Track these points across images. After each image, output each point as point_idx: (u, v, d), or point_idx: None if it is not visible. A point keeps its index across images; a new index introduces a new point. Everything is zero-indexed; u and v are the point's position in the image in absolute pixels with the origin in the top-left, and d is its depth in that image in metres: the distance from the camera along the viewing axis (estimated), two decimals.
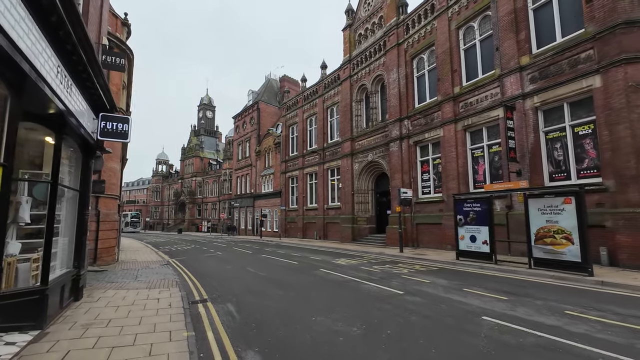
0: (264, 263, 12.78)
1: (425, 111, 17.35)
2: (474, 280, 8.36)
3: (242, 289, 7.97)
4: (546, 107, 12.07)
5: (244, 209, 39.37)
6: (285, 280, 8.96)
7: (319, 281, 8.72)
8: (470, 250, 11.21)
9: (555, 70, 11.68)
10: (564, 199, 8.72)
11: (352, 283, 8.32)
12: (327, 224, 25.22)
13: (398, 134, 18.70)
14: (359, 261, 12.66)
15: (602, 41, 10.34)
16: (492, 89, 13.91)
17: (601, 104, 10.33)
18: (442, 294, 6.97)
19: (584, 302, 6.15)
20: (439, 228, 15.92)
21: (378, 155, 20.64)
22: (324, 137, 26.54)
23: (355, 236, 21.67)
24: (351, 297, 6.88)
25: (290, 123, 31.56)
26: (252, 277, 9.71)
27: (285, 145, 31.86)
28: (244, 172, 40.48)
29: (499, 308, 5.80)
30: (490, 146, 14.22)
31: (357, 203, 22.29)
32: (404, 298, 6.68)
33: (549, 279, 8.33)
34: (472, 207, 11.21)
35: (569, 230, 8.55)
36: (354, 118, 23.23)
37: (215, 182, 54.85)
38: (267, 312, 5.94)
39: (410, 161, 18.11)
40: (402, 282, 8.26)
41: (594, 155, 10.75)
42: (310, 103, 28.58)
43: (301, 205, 28.40)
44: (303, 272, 10.37)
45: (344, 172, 23.29)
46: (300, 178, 28.84)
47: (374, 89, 21.87)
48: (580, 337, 4.36)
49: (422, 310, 5.79)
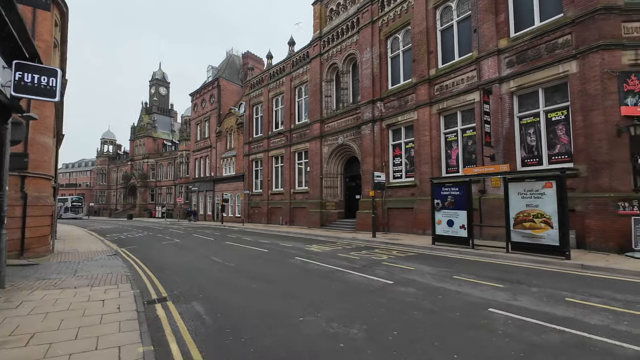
0: (230, 251, 11.62)
1: (399, 93, 16.86)
2: (459, 267, 8.05)
3: (209, 283, 6.86)
4: (522, 92, 12.06)
5: (203, 193, 37.02)
6: (259, 272, 7.98)
7: (298, 272, 7.87)
8: (447, 234, 11.03)
9: (532, 55, 11.62)
10: (545, 183, 8.65)
11: (336, 273, 7.58)
12: (293, 208, 24.32)
13: (370, 117, 18.10)
14: (333, 247, 12.01)
15: (581, 26, 10.34)
16: (469, 72, 13.68)
17: (577, 90, 10.43)
18: (434, 283, 6.48)
19: (577, 287, 5.98)
20: (410, 213, 15.78)
21: (349, 138, 19.97)
22: (291, 118, 25.25)
23: (323, 221, 21.07)
24: (339, 290, 6.12)
25: (254, 102, 29.69)
26: (219, 268, 8.58)
27: (248, 126, 30.03)
28: (203, 154, 37.87)
29: (500, 298, 5.39)
30: (464, 130, 14.12)
31: (326, 187, 21.61)
32: (397, 289, 6.07)
33: (530, 263, 8.28)
34: (451, 191, 10.97)
35: (549, 215, 8.53)
36: (323, 99, 22.22)
37: (171, 165, 51.06)
38: (244, 313, 4.97)
39: (382, 145, 17.67)
40: (388, 270, 7.70)
41: (566, 141, 10.94)
42: (277, 81, 26.95)
43: (266, 190, 27.12)
44: (277, 261, 9.44)
45: (313, 155, 22.38)
46: (265, 161, 27.43)
47: (345, 68, 20.94)
48: (602, 330, 4.00)
49: (422, 304, 5.19)
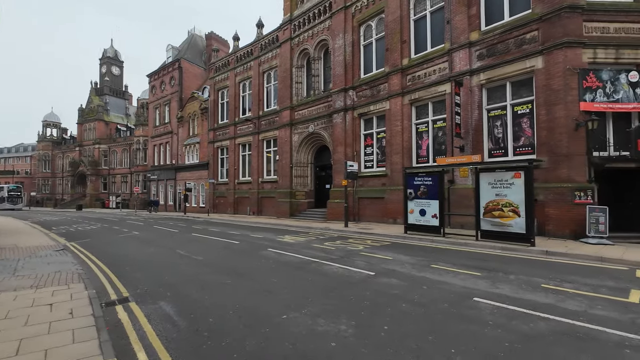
0: (197, 244, 10.90)
1: (371, 82, 16.74)
2: (435, 256, 8.14)
3: (178, 280, 6.27)
4: (491, 85, 12.42)
5: (164, 182, 34.89)
6: (231, 266, 7.47)
7: (273, 264, 7.48)
8: (419, 224, 11.19)
9: (502, 49, 11.95)
10: (514, 173, 8.97)
11: (312, 265, 7.30)
12: (262, 198, 23.65)
13: (342, 105, 17.85)
14: (306, 238, 11.73)
15: (548, 23, 10.75)
16: (441, 63, 13.84)
17: (541, 85, 10.90)
18: (415, 273, 6.44)
19: (548, 274, 6.24)
20: (381, 202, 15.91)
21: (320, 126, 19.61)
22: (259, 104, 24.28)
23: (293, 211, 20.69)
24: (320, 283, 5.85)
25: (219, 87, 28.17)
26: (187, 262, 7.93)
27: (213, 112, 28.51)
28: (163, 141, 35.52)
29: (481, 286, 5.44)
30: (435, 121, 14.35)
31: (296, 177, 21.18)
32: (380, 281, 5.93)
33: (500, 251, 8.60)
34: (424, 180, 11.09)
35: (517, 204, 8.89)
36: (294, 85, 21.54)
37: (126, 151, 47.44)
38: (221, 312, 4.52)
39: (354, 134, 17.55)
40: (366, 261, 7.57)
41: (530, 134, 11.47)
42: (244, 65, 25.70)
43: (232, 179, 26.08)
44: (249, 253, 8.97)
45: (282, 143, 21.76)
46: (232, 149, 26.29)
47: (317, 54, 20.39)
48: (583, 316, 4.11)
49: (408, 296, 5.08)
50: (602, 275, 6.07)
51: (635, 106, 10.23)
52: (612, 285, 5.44)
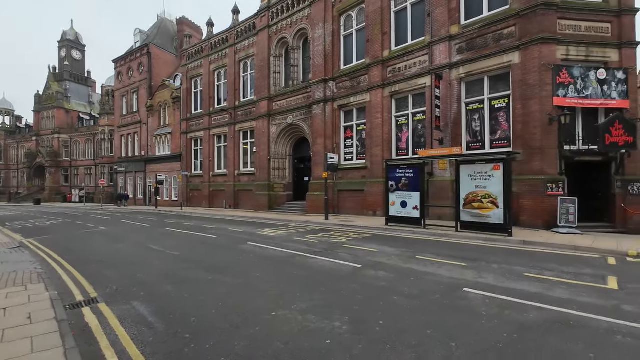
0: (172, 238, 10.32)
1: (352, 74, 16.55)
2: (418, 247, 8.16)
3: (152, 277, 5.81)
4: (469, 79, 12.61)
5: (132, 174, 33.10)
6: (210, 261, 7.08)
7: (255, 259, 7.17)
8: (400, 215, 11.23)
9: (481, 43, 12.13)
10: (493, 165, 9.15)
11: (297, 258, 7.06)
12: (238, 191, 22.99)
13: (322, 96, 17.56)
14: (287, 231, 11.45)
15: (524, 19, 11.00)
16: (422, 56, 13.87)
17: (518, 80, 11.18)
18: (401, 264, 6.38)
19: (528, 262, 6.39)
20: (361, 195, 15.89)
21: (299, 118, 19.22)
22: (235, 94, 23.45)
23: (271, 204, 20.28)
24: (307, 278, 5.63)
25: (192, 75, 26.91)
26: (162, 258, 7.43)
27: (186, 101, 27.24)
28: (131, 131, 33.59)
29: (468, 277, 5.45)
30: (414, 114, 14.43)
31: (274, 169, 20.73)
32: (368, 273, 5.80)
33: (479, 241, 8.77)
34: (405, 173, 11.11)
35: (495, 195, 9.09)
36: (272, 75, 20.93)
37: (89, 142, 44.49)
38: (203, 312, 4.19)
39: (334, 126, 17.35)
40: (351, 253, 7.44)
41: (506, 127, 11.78)
42: (219, 53, 24.65)
43: (207, 171, 25.15)
44: (229, 248, 8.57)
45: (260, 134, 21.18)
46: (207, 140, 25.29)
47: (295, 44, 19.88)
48: (570, 304, 4.18)
49: (399, 288, 4.98)
50: (578, 263, 6.30)
51: (602, 102, 10.75)
52: (590, 273, 5.64)
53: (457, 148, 11.55)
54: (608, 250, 7.19)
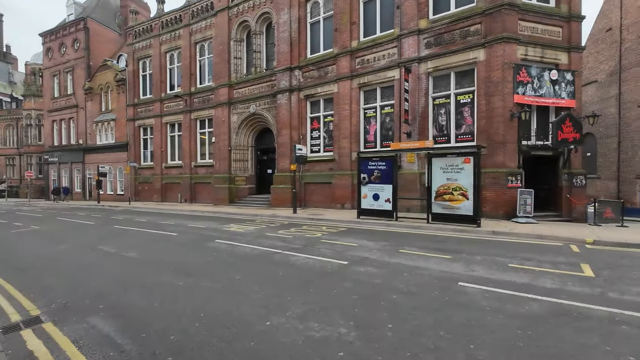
0: (125, 237, 9.14)
1: (319, 63, 16.10)
2: (397, 240, 8.09)
3: (110, 285, 4.93)
4: (437, 74, 12.87)
5: (68, 165, 29.38)
6: (177, 262, 6.27)
7: (230, 258, 6.52)
8: (372, 208, 11.16)
9: (448, 39, 12.39)
10: (464, 158, 9.40)
11: (276, 256, 6.55)
12: (195, 184, 21.48)
13: (287, 85, 16.88)
14: (256, 226, 10.80)
15: (490, 18, 11.40)
16: (390, 48, 13.85)
17: (482, 76, 11.62)
18: (387, 259, 6.20)
19: (506, 252, 6.60)
20: (328, 187, 15.65)
21: (263, 107, 18.33)
22: (191, 79, 21.70)
23: (232, 198, 19.24)
24: (292, 278, 5.18)
25: (140, 55, 24.39)
26: (117, 261, 6.44)
27: (133, 85, 24.66)
28: (65, 116, 29.67)
29: (457, 270, 5.42)
30: (382, 107, 14.45)
31: (235, 161, 19.64)
32: (357, 270, 5.52)
33: (452, 232, 8.98)
34: (377, 165, 11.04)
35: (466, 188, 9.36)
36: (232, 60, 19.65)
37: (12, 128, 38.59)
38: (182, 325, 3.56)
39: (300, 116, 16.80)
40: (331, 249, 7.12)
41: (470, 122, 12.24)
42: (172, 33, 22.56)
43: (159, 162, 23.12)
44: (195, 246, 7.76)
45: (219, 124, 19.87)
46: (158, 128, 23.19)
47: (258, 28, 18.81)
48: (564, 294, 4.27)
49: (393, 285, 4.75)
50: (550, 252, 6.65)
51: (554, 101, 11.60)
52: (564, 261, 5.94)
53: (429, 141, 11.76)
54: (568, 238, 7.74)
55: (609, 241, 7.35)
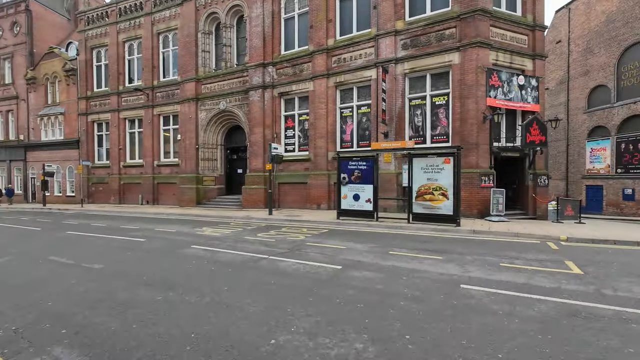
0: (82, 245, 8.09)
1: (294, 60, 15.69)
2: (384, 241, 7.94)
3: (74, 304, 4.19)
4: (413, 75, 13.03)
5: (5, 164, 26.12)
6: (152, 273, 5.58)
7: (212, 266, 5.94)
8: (352, 209, 11.00)
9: (424, 41, 12.58)
10: (444, 159, 9.53)
11: (262, 262, 6.08)
12: (158, 184, 20.04)
13: (261, 82, 16.26)
14: (232, 229, 10.16)
15: (464, 22, 11.74)
16: (367, 48, 13.82)
17: (457, 79, 11.93)
18: (381, 262, 5.99)
19: (492, 252, 6.70)
20: (304, 188, 15.29)
21: (234, 104, 17.51)
22: (153, 72, 20.21)
23: (200, 199, 18.19)
24: (287, 286, 4.78)
25: (94, 44, 22.30)
26: (78, 274, 5.59)
27: (86, 76, 22.49)
28: (3, 108, 26.33)
29: (455, 271, 5.35)
30: (359, 107, 14.38)
31: (204, 160, 18.59)
32: (353, 275, 5.23)
33: (434, 232, 9.04)
34: (358, 165, 10.89)
35: (446, 187, 9.50)
36: (200, 54, 18.58)
37: None
38: (172, 351, 3.03)
39: (274, 114, 16.26)
40: (320, 252, 6.78)
41: (445, 123, 12.53)
42: (131, 22, 20.87)
43: (117, 161, 21.28)
44: (169, 254, 7.03)
45: (185, 120, 18.70)
46: (115, 124, 21.32)
47: (229, 21, 17.96)
48: (564, 293, 4.32)
49: (396, 290, 4.53)
50: (532, 250, 6.86)
51: (521, 105, 12.22)
52: (548, 258, 6.13)
53: (410, 141, 11.84)
54: (543, 236, 8.10)
55: (580, 238, 7.79)
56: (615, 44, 20.80)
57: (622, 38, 20.37)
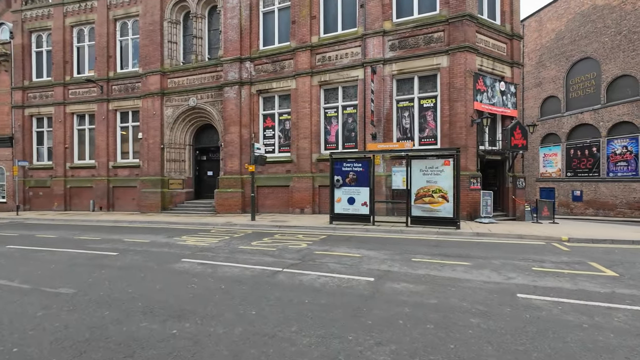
0: (36, 263, 6.50)
1: (274, 56, 14.84)
2: (396, 247, 7.45)
3: (48, 348, 3.03)
4: (401, 77, 12.90)
5: None
6: (147, 298, 4.45)
7: (221, 284, 4.95)
8: (347, 213, 10.44)
9: (412, 43, 12.52)
10: (444, 160, 9.38)
11: (280, 277, 5.23)
12: (115, 188, 17.78)
13: (237, 78, 15.15)
14: (217, 238, 9.03)
15: (453, 26, 11.85)
16: (354, 47, 13.45)
17: (446, 82, 11.99)
18: (411, 270, 5.46)
19: (512, 255, 6.53)
20: (285, 191, 14.44)
21: (206, 100, 16.13)
22: (109, 62, 18.00)
23: (166, 204, 16.42)
24: (329, 307, 4.02)
25: (34, 27, 19.36)
26: (41, 302, 4.26)
27: (23, 63, 19.41)
28: None
29: (496, 278, 4.99)
30: (344, 107, 13.94)
31: (170, 161, 16.86)
32: (392, 288, 4.63)
33: (437, 235, 8.79)
34: (353, 167, 10.38)
35: (446, 190, 9.34)
36: (166, 44, 16.91)
37: None
38: None
39: (251, 113, 15.22)
40: (337, 262, 6.08)
41: (433, 126, 12.53)
42: (82, 4, 18.45)
43: (62, 162, 18.54)
44: (158, 271, 5.83)
45: (148, 117, 16.84)
46: (60, 119, 18.60)
47: (200, 11, 16.57)
48: (627, 299, 4.11)
49: (453, 304, 4.01)
50: (547, 252, 6.82)
51: (503, 110, 12.65)
52: (570, 260, 6.07)
53: (409, 142, 11.62)
54: (546, 237, 8.22)
55: (580, 238, 8.00)
56: (564, 59, 22.85)
57: (570, 54, 22.43)
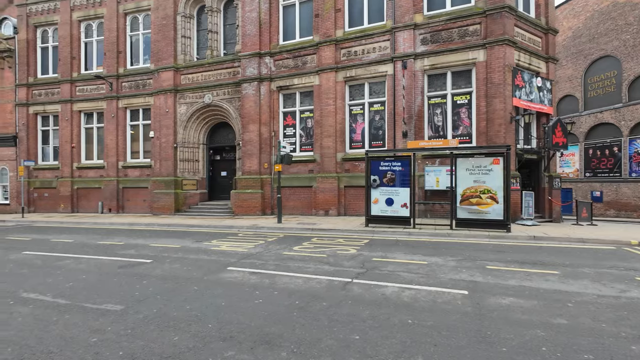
0: (61, 272, 5.77)
1: (295, 51, 14.19)
2: (456, 252, 6.80)
3: None
4: (433, 72, 12.29)
5: None
6: (210, 317, 3.76)
7: (296, 301, 4.27)
8: (385, 215, 9.77)
9: (446, 37, 11.92)
10: (492, 159, 8.77)
11: (354, 289, 4.55)
12: (124, 189, 17.00)
13: (256, 73, 14.48)
14: (251, 242, 8.33)
15: (490, 19, 11.26)
16: (382, 41, 12.83)
17: (482, 77, 11.39)
18: (502, 282, 4.81)
19: (598, 262, 5.93)
20: (308, 192, 13.78)
21: (222, 97, 15.43)
22: (119, 57, 17.25)
23: (179, 206, 15.68)
24: (437, 328, 3.35)
25: (39, 22, 18.58)
26: (87, 323, 3.56)
27: (27, 59, 18.60)
28: None
29: (606, 292, 4.36)
30: (371, 104, 13.29)
31: (183, 161, 16.13)
32: (501, 304, 3.97)
33: (488, 239, 8.15)
34: (391, 166, 9.73)
35: (495, 190, 8.73)
36: (179, 39, 16.21)
37: None
38: None
39: (271, 110, 14.54)
40: (409, 271, 5.42)
41: (468, 123, 11.92)
42: None
43: (69, 162, 17.73)
44: (203, 281, 5.13)
45: (161, 115, 16.12)
46: (67, 117, 17.80)
47: (215, 5, 15.89)
48: None
49: (590, 325, 3.37)
50: (630, 259, 6.21)
51: (540, 107, 12.07)
52: None
53: (454, 140, 10.98)
54: (613, 241, 7.61)
55: None
56: (581, 58, 22.39)
57: (588, 52, 21.98)
